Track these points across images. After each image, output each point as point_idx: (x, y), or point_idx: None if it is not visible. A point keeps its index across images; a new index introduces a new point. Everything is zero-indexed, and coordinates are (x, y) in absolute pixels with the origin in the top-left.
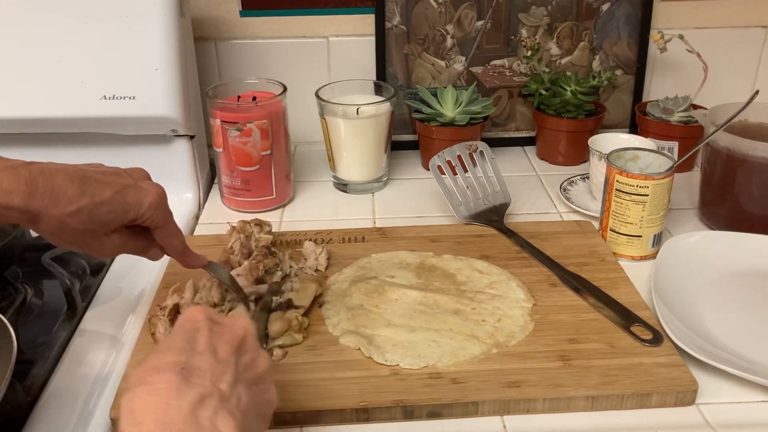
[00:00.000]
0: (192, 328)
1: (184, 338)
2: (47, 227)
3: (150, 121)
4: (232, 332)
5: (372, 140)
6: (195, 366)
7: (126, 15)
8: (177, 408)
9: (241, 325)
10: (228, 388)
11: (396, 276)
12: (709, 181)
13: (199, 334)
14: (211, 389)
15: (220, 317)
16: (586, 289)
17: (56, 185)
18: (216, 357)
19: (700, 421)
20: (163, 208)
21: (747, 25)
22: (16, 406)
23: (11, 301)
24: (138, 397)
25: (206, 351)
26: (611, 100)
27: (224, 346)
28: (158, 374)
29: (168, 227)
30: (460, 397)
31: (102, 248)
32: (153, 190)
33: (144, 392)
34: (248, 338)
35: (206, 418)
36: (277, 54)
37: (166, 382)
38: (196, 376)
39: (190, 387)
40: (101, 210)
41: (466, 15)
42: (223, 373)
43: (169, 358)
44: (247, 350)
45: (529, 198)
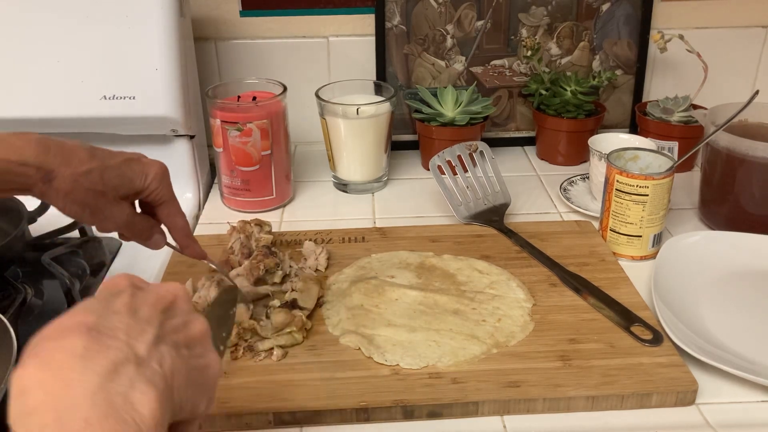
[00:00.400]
0: (111, 293)
1: (99, 302)
2: (61, 185)
3: (150, 121)
4: (158, 295)
5: (372, 140)
6: (105, 326)
7: (126, 15)
8: (80, 384)
9: (170, 289)
10: (146, 349)
11: (396, 276)
12: (709, 181)
13: (118, 299)
14: (125, 352)
15: (147, 283)
16: (586, 289)
17: (67, 147)
18: (135, 316)
19: (700, 421)
20: (166, 182)
21: (747, 25)
22: None
23: (11, 301)
24: (30, 373)
25: (123, 311)
26: (611, 100)
27: (147, 307)
28: (57, 340)
29: (172, 204)
30: (460, 397)
31: (112, 215)
32: (156, 163)
33: (36, 367)
34: (179, 301)
35: (119, 393)
36: (277, 54)
37: (68, 350)
38: (107, 336)
39: (98, 351)
40: (111, 174)
41: (466, 15)
42: (142, 333)
43: (72, 321)
44: (178, 314)
45: (529, 198)
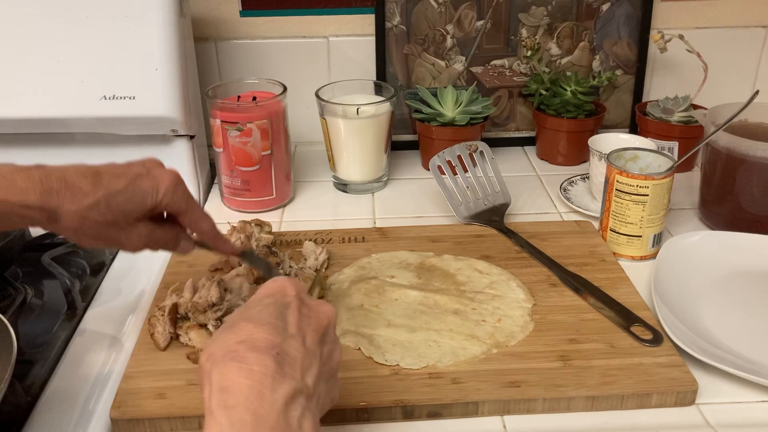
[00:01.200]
0: (282, 303)
1: (275, 313)
2: (68, 223)
3: (150, 121)
4: (318, 319)
5: (372, 140)
6: (288, 353)
7: (126, 15)
8: (271, 401)
9: (326, 311)
10: (313, 384)
11: (396, 276)
12: (709, 181)
13: (290, 313)
14: (301, 384)
15: (308, 298)
16: (586, 289)
17: (70, 181)
18: (305, 345)
19: (700, 421)
20: (181, 191)
21: (747, 25)
22: (16, 406)
23: (11, 301)
24: (232, 375)
25: (297, 336)
26: (611, 100)
27: (311, 333)
28: (254, 353)
29: (193, 210)
30: (460, 397)
31: (129, 240)
32: (167, 175)
33: (239, 372)
34: (330, 327)
35: (295, 418)
36: (277, 54)
37: (262, 366)
38: (289, 365)
39: (283, 377)
40: (118, 200)
41: (466, 15)
42: (311, 366)
43: (264, 336)
44: (328, 340)
45: (529, 198)
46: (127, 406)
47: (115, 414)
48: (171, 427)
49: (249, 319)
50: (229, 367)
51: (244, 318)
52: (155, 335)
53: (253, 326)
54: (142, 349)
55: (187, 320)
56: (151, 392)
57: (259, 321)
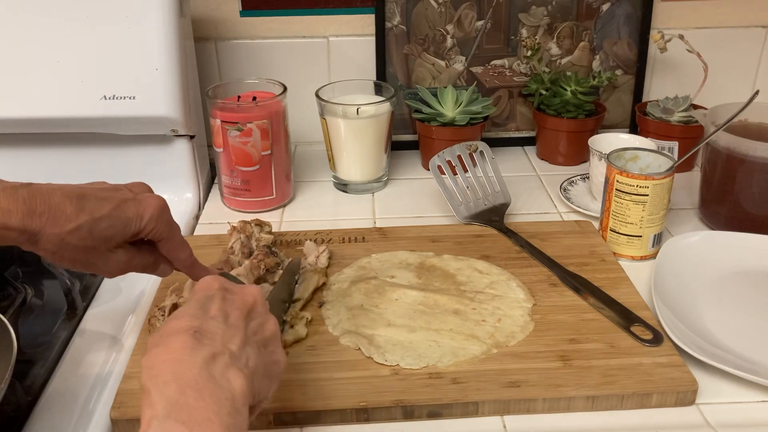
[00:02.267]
0: (206, 296)
1: (198, 305)
2: (48, 246)
3: (150, 121)
4: (242, 299)
5: (372, 140)
6: (207, 329)
7: (126, 15)
8: (191, 363)
9: (251, 292)
10: (237, 349)
11: (396, 276)
12: (709, 181)
13: (212, 301)
14: (221, 349)
15: (233, 285)
16: (586, 289)
17: (54, 203)
18: (227, 322)
19: (700, 421)
20: (165, 219)
21: (747, 25)
22: (16, 406)
23: (11, 301)
24: (155, 356)
25: (218, 316)
26: (611, 100)
27: (235, 312)
28: (172, 336)
29: (172, 239)
30: (460, 397)
31: (107, 266)
32: (153, 201)
33: (160, 352)
34: (257, 305)
35: (217, 371)
36: (277, 54)
37: (180, 342)
38: (208, 338)
39: (201, 345)
40: (101, 225)
41: (466, 15)
42: (233, 336)
43: (182, 323)
44: (256, 316)
45: (529, 198)
46: (127, 406)
47: (115, 414)
48: None
49: (172, 318)
50: (153, 353)
51: (169, 318)
52: None
53: (174, 321)
54: (142, 349)
55: None
56: None
57: (180, 315)
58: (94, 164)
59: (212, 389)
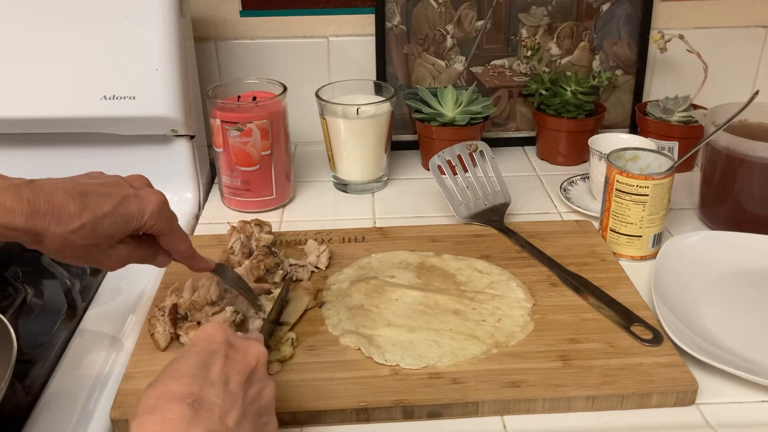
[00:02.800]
0: (208, 351)
1: (199, 363)
2: (51, 245)
3: (150, 121)
4: (245, 362)
5: (372, 140)
6: (206, 399)
7: (126, 15)
8: None
9: (254, 353)
10: (234, 425)
11: (396, 276)
12: (709, 181)
13: (214, 360)
14: (218, 426)
15: (237, 340)
16: (586, 289)
17: (57, 203)
18: (227, 390)
19: (700, 421)
20: (165, 214)
21: (747, 25)
22: (16, 406)
23: (11, 301)
24: (147, 426)
25: (218, 382)
26: (611, 100)
27: (236, 376)
28: (169, 403)
29: (173, 233)
30: (460, 397)
31: (109, 261)
32: (154, 197)
33: (154, 422)
34: (259, 368)
35: None
36: (277, 54)
37: (177, 413)
38: (206, 410)
39: (199, 421)
40: (104, 223)
41: (466, 15)
42: (232, 408)
43: (181, 388)
44: (256, 381)
45: (529, 198)
46: (127, 406)
47: (115, 414)
48: None
49: (170, 375)
50: (145, 420)
51: (165, 374)
52: (155, 335)
53: (171, 380)
54: (142, 349)
55: (187, 320)
56: None
57: (179, 374)
58: (94, 164)
59: None
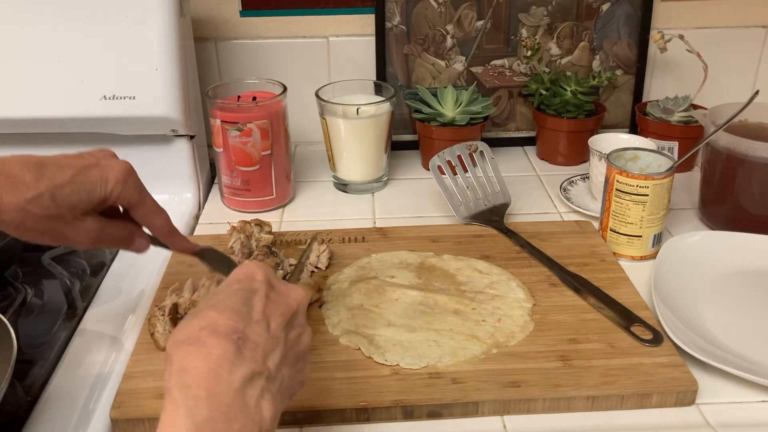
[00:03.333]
0: (250, 289)
1: (242, 299)
2: (9, 216)
3: (150, 121)
4: (286, 304)
5: (372, 140)
6: (249, 338)
7: (126, 15)
8: (227, 381)
9: (295, 296)
10: (275, 368)
11: (396, 276)
12: (709, 181)
13: (256, 298)
14: (261, 367)
15: (278, 282)
16: (586, 289)
17: (12, 173)
18: (269, 330)
19: (700, 421)
20: (132, 183)
21: (747, 25)
22: (16, 406)
23: (11, 301)
24: (191, 358)
25: (261, 321)
26: (611, 100)
27: (278, 318)
28: (214, 337)
29: (145, 204)
30: (460, 397)
31: (77, 235)
32: (117, 165)
33: (198, 355)
34: (299, 312)
35: (253, 397)
36: (277, 54)
37: (222, 349)
38: (249, 349)
39: (242, 361)
40: (63, 192)
41: (466, 15)
42: (273, 350)
43: (226, 321)
44: (296, 325)
45: (529, 198)
46: (127, 406)
47: (115, 414)
48: None
49: (213, 306)
50: (189, 351)
51: (208, 305)
52: (155, 335)
53: (216, 312)
54: (142, 349)
55: None
56: (151, 392)
57: (223, 307)
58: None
59: (243, 420)
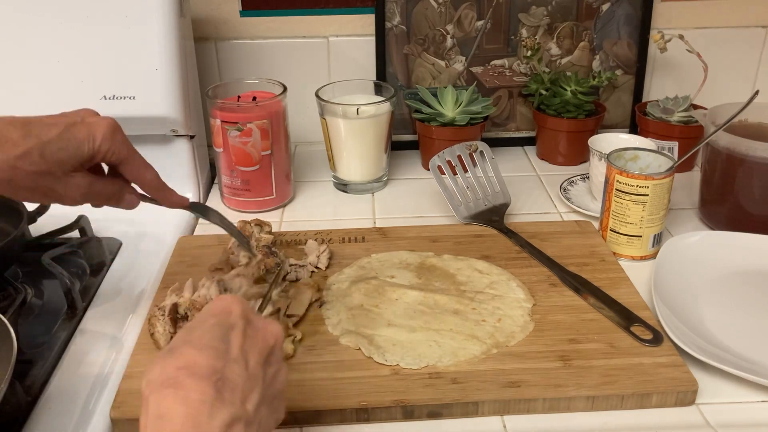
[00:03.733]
0: (227, 324)
1: (219, 335)
2: None
3: (150, 121)
4: (264, 340)
5: (372, 140)
6: (228, 378)
7: (126, 15)
8: (208, 429)
9: (272, 332)
10: (254, 410)
11: (396, 276)
12: (709, 181)
13: (234, 334)
14: (240, 411)
15: (255, 317)
16: (586, 289)
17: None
18: (247, 369)
19: (700, 421)
20: (120, 138)
21: (747, 25)
22: (16, 406)
23: (11, 301)
24: (168, 402)
25: (239, 359)
26: (611, 100)
27: (256, 355)
28: (193, 379)
29: (134, 159)
30: (460, 397)
31: (67, 191)
32: (103, 121)
33: (176, 399)
34: (276, 348)
35: None
36: (277, 54)
37: (200, 393)
38: (229, 391)
39: (222, 404)
40: (51, 148)
41: (466, 15)
42: (252, 391)
43: (205, 361)
44: (273, 362)
45: (529, 198)
46: (127, 406)
47: (115, 414)
48: None
49: (190, 343)
50: (166, 395)
51: (185, 341)
52: (155, 335)
53: (194, 351)
54: (142, 349)
55: (187, 320)
56: None
57: (201, 345)
58: None
59: None
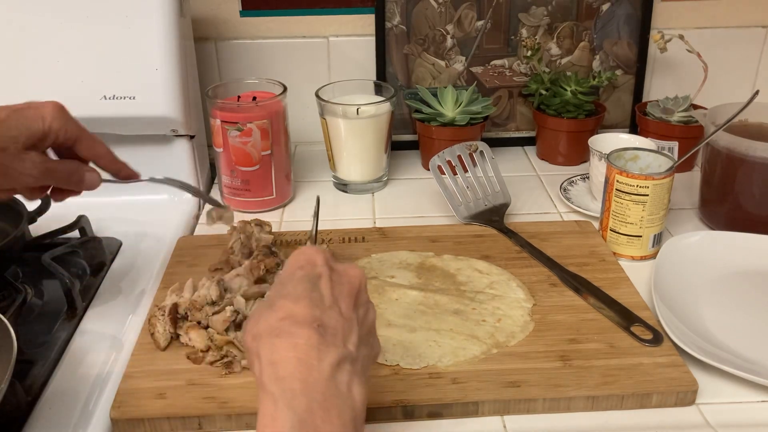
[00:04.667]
0: (314, 274)
1: (310, 286)
2: None
3: (150, 121)
4: (350, 284)
5: (372, 140)
6: (328, 324)
7: (126, 15)
8: (318, 370)
9: (356, 275)
10: (355, 349)
11: (396, 276)
12: (709, 181)
13: (322, 283)
14: (344, 351)
15: (336, 264)
16: (586, 289)
17: None
18: (342, 313)
19: (700, 421)
20: (68, 117)
21: (747, 25)
22: (16, 406)
23: (11, 301)
24: (280, 350)
25: (333, 305)
26: (611, 100)
27: (346, 299)
28: (297, 327)
29: (85, 136)
30: (460, 397)
31: (23, 169)
32: (49, 104)
33: (286, 346)
34: (363, 289)
35: (343, 382)
36: (277, 54)
37: (306, 338)
38: (330, 335)
39: (327, 347)
40: (2, 126)
41: (466, 15)
42: (350, 332)
43: (303, 310)
44: (362, 303)
45: (529, 198)
46: (127, 406)
47: (115, 414)
48: (171, 427)
49: (286, 296)
50: (276, 343)
51: (281, 296)
52: (155, 335)
53: (291, 303)
54: (142, 349)
55: (187, 320)
56: (151, 392)
57: (296, 297)
58: None
59: (339, 406)
